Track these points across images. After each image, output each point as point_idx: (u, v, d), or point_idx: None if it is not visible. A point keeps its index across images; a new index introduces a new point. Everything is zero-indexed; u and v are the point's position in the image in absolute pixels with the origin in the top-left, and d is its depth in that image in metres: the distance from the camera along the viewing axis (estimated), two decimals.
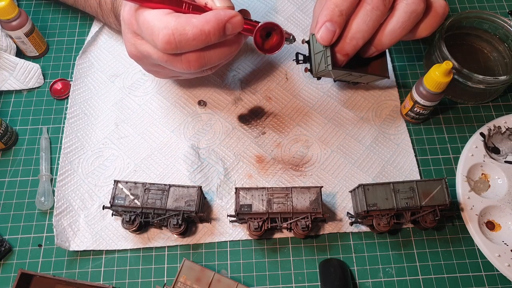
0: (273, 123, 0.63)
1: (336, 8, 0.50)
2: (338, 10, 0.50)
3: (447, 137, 0.63)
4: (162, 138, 0.62)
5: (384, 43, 0.54)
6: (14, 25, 0.62)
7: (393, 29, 0.52)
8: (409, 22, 0.52)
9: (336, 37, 0.51)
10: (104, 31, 0.69)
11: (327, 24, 0.50)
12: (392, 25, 0.52)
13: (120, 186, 0.53)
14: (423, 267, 0.55)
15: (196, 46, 0.47)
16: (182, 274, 0.50)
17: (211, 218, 0.57)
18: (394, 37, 0.53)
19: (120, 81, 0.66)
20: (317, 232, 0.57)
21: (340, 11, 0.50)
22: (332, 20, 0.50)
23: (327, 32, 0.51)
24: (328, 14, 0.50)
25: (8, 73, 0.64)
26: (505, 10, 0.74)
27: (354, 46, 0.53)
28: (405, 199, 0.52)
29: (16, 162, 0.61)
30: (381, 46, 0.54)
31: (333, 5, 0.50)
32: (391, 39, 0.53)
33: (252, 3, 0.72)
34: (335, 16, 0.50)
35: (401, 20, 0.52)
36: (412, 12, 0.51)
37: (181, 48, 0.47)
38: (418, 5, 0.51)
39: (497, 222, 0.57)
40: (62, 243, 0.54)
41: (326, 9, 0.50)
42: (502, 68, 0.66)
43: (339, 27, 0.51)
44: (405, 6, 0.51)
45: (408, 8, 0.51)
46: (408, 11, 0.51)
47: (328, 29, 0.50)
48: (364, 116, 0.64)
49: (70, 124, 0.62)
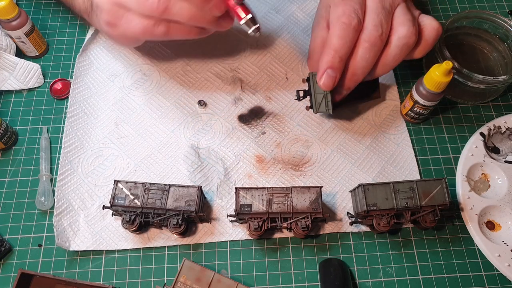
0: (273, 123, 0.63)
1: (336, 55, 0.52)
2: (338, 56, 0.52)
3: (447, 137, 0.63)
4: (162, 138, 0.62)
5: (377, 73, 0.57)
6: (14, 25, 0.62)
7: (385, 62, 0.55)
8: (401, 55, 0.55)
9: (337, 81, 0.54)
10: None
11: (329, 71, 0.53)
12: (385, 59, 0.55)
13: (120, 186, 0.53)
14: (423, 267, 0.55)
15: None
16: (182, 274, 0.50)
17: (211, 218, 0.57)
18: (387, 68, 0.56)
19: (120, 80, 0.66)
20: (317, 232, 0.57)
21: (340, 57, 0.52)
22: (333, 67, 0.52)
23: (329, 79, 0.53)
24: (329, 61, 0.52)
25: (8, 73, 0.64)
26: (505, 10, 0.74)
27: (355, 82, 0.56)
28: (405, 199, 0.52)
29: (16, 162, 0.61)
30: (375, 75, 0.57)
31: (333, 52, 0.52)
32: (384, 70, 0.56)
33: (252, 3, 0.72)
34: (336, 63, 0.52)
35: (393, 54, 0.54)
36: (404, 45, 0.54)
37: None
38: (409, 39, 0.54)
39: (497, 222, 0.57)
40: (63, 243, 0.54)
41: (327, 55, 0.52)
42: (502, 68, 0.66)
43: (339, 73, 0.53)
44: (397, 41, 0.54)
45: (400, 42, 0.54)
46: (399, 45, 0.54)
47: (330, 76, 0.53)
48: (364, 116, 0.64)
49: (70, 123, 0.62)
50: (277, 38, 0.69)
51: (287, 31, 0.70)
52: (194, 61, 0.68)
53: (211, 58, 0.68)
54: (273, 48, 0.69)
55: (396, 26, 0.54)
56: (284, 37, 0.70)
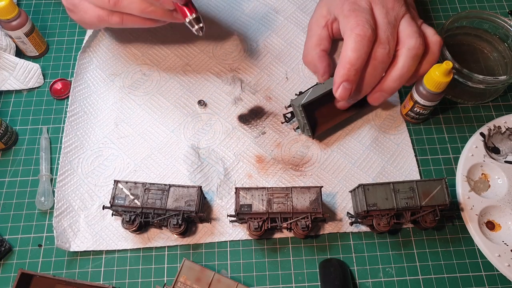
0: (273, 123, 0.63)
1: (352, 68, 0.52)
2: (354, 70, 0.53)
3: (447, 137, 0.63)
4: (162, 138, 0.62)
5: (394, 87, 0.57)
6: (14, 25, 0.62)
7: (400, 74, 0.56)
8: (413, 66, 0.56)
9: (353, 91, 0.54)
10: (105, 29, 0.69)
11: (345, 84, 0.53)
12: (398, 71, 0.55)
13: (120, 186, 0.53)
14: (423, 267, 0.55)
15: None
16: (182, 274, 0.50)
17: (211, 218, 0.57)
18: (402, 81, 0.56)
19: (120, 80, 0.66)
20: (317, 232, 0.57)
21: (355, 70, 0.53)
22: (349, 80, 0.53)
23: (345, 91, 0.54)
24: (344, 74, 0.53)
25: (8, 73, 0.64)
26: (505, 10, 0.74)
27: (359, 97, 0.58)
28: (405, 199, 0.52)
29: (16, 162, 0.61)
30: (390, 91, 0.57)
31: (348, 65, 0.52)
32: (400, 83, 0.56)
33: (252, 3, 0.72)
34: (351, 76, 0.53)
35: (406, 65, 0.55)
36: (415, 56, 0.55)
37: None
38: (418, 50, 0.55)
39: (497, 222, 0.57)
40: (63, 244, 0.54)
41: (342, 69, 0.53)
42: (502, 68, 0.66)
43: (355, 84, 0.54)
44: (408, 52, 0.54)
45: (411, 53, 0.54)
46: (410, 56, 0.55)
47: (345, 88, 0.53)
48: (364, 116, 0.64)
49: (70, 122, 0.62)
50: (277, 38, 0.69)
51: (287, 31, 0.70)
52: (194, 61, 0.68)
53: (211, 58, 0.68)
54: (273, 48, 0.69)
55: (403, 38, 0.55)
56: (284, 37, 0.69)
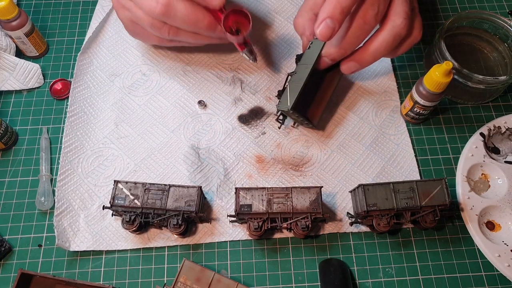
0: (273, 123, 0.63)
1: (338, 5, 0.49)
2: (340, 7, 0.50)
3: (447, 137, 0.63)
4: (162, 138, 0.62)
5: (368, 60, 0.56)
6: (14, 25, 0.62)
7: (377, 49, 0.55)
8: (392, 44, 0.55)
9: (335, 34, 0.51)
10: (105, 30, 0.70)
11: (328, 20, 0.50)
12: (377, 44, 0.54)
13: (120, 186, 0.53)
14: (423, 267, 0.55)
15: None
16: (182, 274, 0.50)
17: (211, 218, 0.57)
18: (377, 56, 0.56)
19: (120, 80, 0.66)
20: (317, 232, 0.57)
21: (342, 9, 0.50)
22: (333, 17, 0.50)
23: (327, 29, 0.50)
24: (329, 10, 0.50)
25: (8, 73, 0.64)
26: (505, 10, 0.74)
27: (341, 55, 0.56)
28: (405, 199, 0.52)
29: (16, 162, 0.61)
30: (364, 63, 0.57)
31: (335, 2, 0.50)
32: (374, 57, 0.56)
33: (252, 4, 0.73)
34: (337, 13, 0.50)
35: (385, 40, 0.54)
36: (396, 35, 0.54)
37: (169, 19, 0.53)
38: (402, 29, 0.54)
39: (497, 222, 0.57)
40: (63, 243, 0.54)
41: (328, 4, 0.50)
42: (502, 68, 0.66)
43: (338, 24, 0.50)
44: (392, 29, 0.53)
45: (394, 31, 0.53)
46: (393, 34, 0.54)
47: (328, 26, 0.50)
48: (364, 116, 0.64)
49: (70, 122, 0.62)
50: (277, 38, 0.69)
51: (287, 32, 0.70)
52: (194, 61, 0.68)
53: (211, 58, 0.68)
54: (273, 48, 0.69)
55: (392, 15, 0.54)
56: (284, 37, 0.70)
